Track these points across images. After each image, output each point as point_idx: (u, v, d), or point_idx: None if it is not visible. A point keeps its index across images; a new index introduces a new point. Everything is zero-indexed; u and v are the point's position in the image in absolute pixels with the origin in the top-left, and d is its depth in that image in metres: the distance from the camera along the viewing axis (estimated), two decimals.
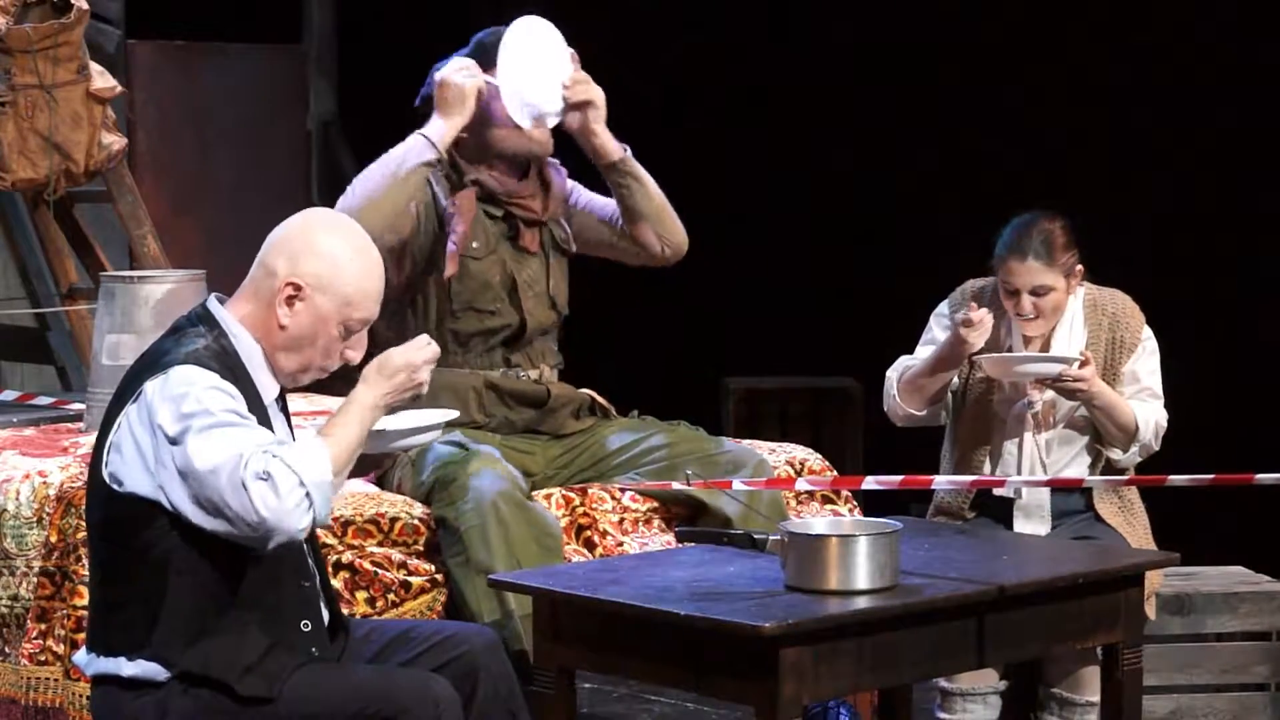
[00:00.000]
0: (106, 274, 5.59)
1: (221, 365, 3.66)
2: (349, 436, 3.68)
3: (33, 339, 7.78)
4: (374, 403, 3.73)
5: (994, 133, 8.18)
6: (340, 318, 3.73)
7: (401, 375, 3.75)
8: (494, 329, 4.88)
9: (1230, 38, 7.66)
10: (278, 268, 3.71)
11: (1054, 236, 5.01)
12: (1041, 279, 5.00)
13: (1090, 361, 4.96)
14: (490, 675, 3.87)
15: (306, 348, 3.74)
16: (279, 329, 3.72)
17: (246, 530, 3.53)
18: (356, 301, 3.73)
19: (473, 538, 4.45)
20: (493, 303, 4.86)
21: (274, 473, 3.51)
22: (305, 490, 3.53)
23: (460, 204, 4.82)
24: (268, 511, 3.51)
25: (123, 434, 3.63)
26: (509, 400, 4.86)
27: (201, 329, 3.72)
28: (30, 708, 4.47)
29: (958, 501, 5.12)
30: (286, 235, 3.75)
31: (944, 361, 5.04)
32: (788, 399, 8.69)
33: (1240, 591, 5.48)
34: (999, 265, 5.05)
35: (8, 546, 4.63)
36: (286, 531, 3.53)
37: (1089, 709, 4.91)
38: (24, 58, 6.68)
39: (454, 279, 4.82)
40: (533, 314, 4.91)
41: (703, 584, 3.85)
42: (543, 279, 4.95)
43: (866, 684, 4.03)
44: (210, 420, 3.55)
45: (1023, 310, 5.02)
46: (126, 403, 3.65)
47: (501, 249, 4.89)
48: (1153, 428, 5.07)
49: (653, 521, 4.83)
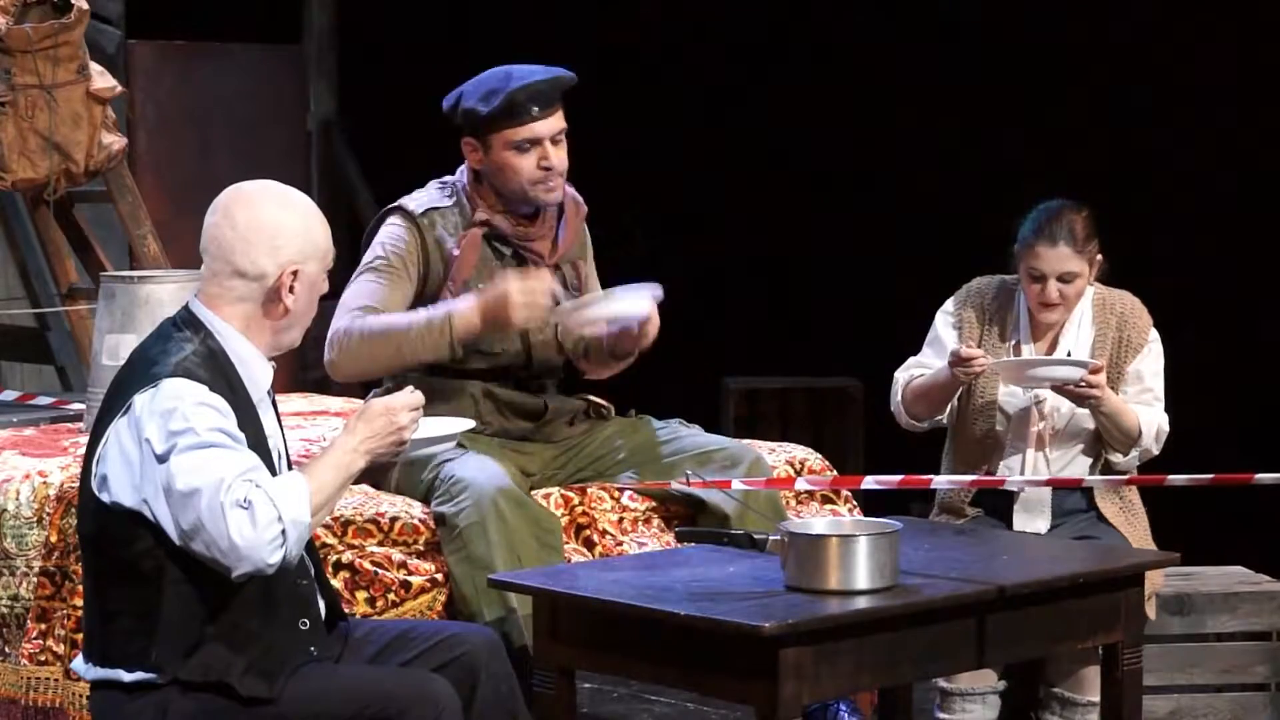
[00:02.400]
0: (106, 274, 5.59)
1: (211, 369, 3.65)
2: (328, 480, 3.66)
3: (33, 339, 7.78)
4: (354, 448, 3.70)
5: (995, 132, 8.18)
6: (323, 268, 3.79)
7: (380, 420, 3.72)
8: (501, 367, 4.81)
9: (1229, 36, 7.66)
10: (265, 267, 3.72)
11: (1081, 224, 5.03)
12: (1070, 265, 5.01)
13: (1102, 369, 4.96)
14: (491, 675, 3.87)
15: (306, 314, 3.79)
16: (284, 314, 3.75)
17: (217, 554, 3.53)
18: (328, 247, 3.80)
19: (472, 534, 4.44)
20: (499, 343, 4.76)
21: (255, 502, 3.52)
22: (282, 526, 3.54)
23: (464, 249, 4.74)
24: (241, 540, 3.51)
25: (111, 446, 3.63)
26: (506, 411, 4.83)
27: (188, 333, 3.71)
28: (30, 708, 4.46)
29: (959, 498, 5.12)
30: (251, 233, 3.72)
31: (942, 387, 5.05)
32: (788, 399, 8.69)
33: (1240, 591, 5.47)
34: (1024, 251, 5.04)
35: (8, 546, 4.63)
36: (255, 563, 3.53)
37: (1089, 709, 4.91)
38: (24, 58, 6.68)
39: None
40: (538, 351, 4.84)
41: (703, 584, 3.85)
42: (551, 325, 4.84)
43: (866, 684, 4.03)
44: (195, 440, 3.54)
45: (1048, 297, 5.02)
46: (116, 414, 3.64)
47: None
48: (1154, 433, 5.07)
49: (652, 521, 4.82)
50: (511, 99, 4.66)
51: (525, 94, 4.67)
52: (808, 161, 8.80)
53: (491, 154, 4.72)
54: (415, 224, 4.76)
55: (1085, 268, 5.04)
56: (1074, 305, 5.08)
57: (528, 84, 4.69)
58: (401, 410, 3.74)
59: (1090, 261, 5.05)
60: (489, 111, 4.68)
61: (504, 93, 4.67)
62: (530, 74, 4.72)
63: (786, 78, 8.92)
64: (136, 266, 7.23)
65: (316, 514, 3.63)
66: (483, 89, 4.72)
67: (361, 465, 3.73)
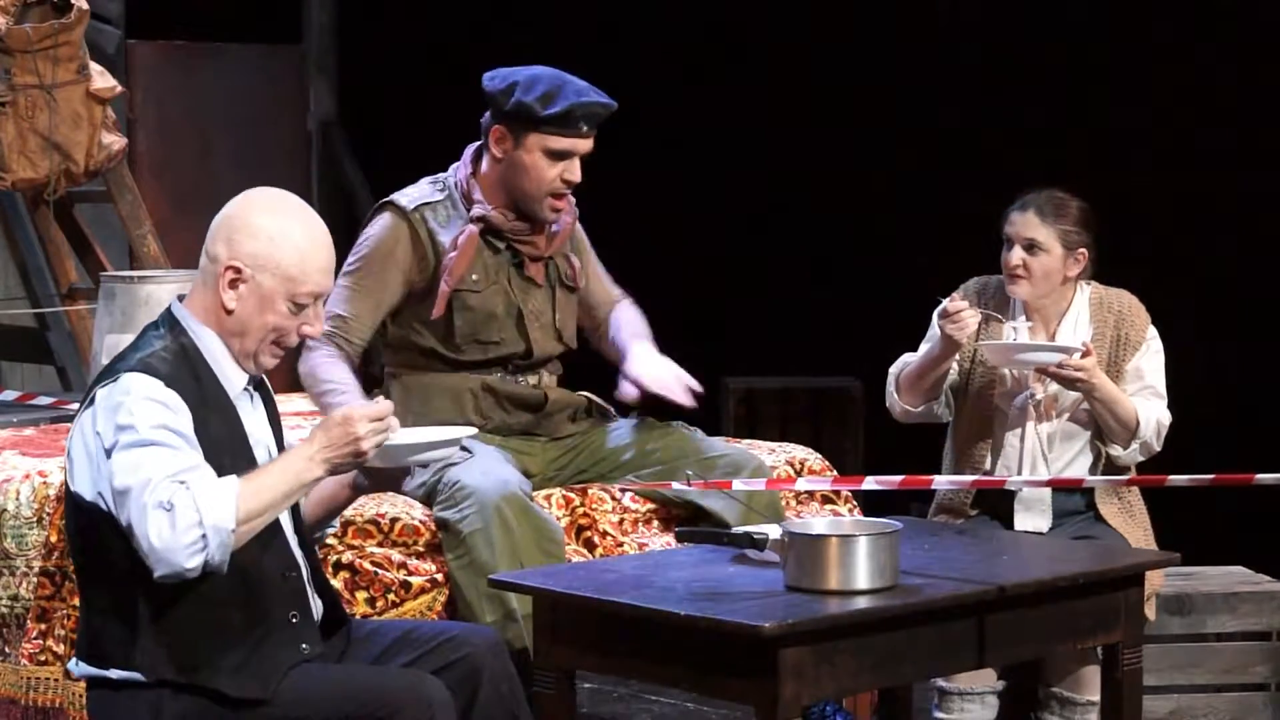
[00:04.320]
0: (106, 274, 5.60)
1: (177, 365, 3.63)
2: (270, 483, 3.59)
3: (33, 339, 7.78)
4: (309, 456, 3.62)
5: (995, 131, 8.18)
6: (286, 294, 3.68)
7: (336, 430, 3.63)
8: (500, 357, 4.84)
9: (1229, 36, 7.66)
10: (219, 253, 3.68)
11: (1062, 204, 5.06)
12: (1035, 233, 5.03)
13: (1092, 352, 4.96)
14: (492, 676, 3.86)
15: (256, 329, 3.69)
16: (226, 313, 3.68)
17: (142, 555, 3.49)
18: (299, 277, 3.68)
19: (476, 541, 4.44)
20: (497, 333, 4.80)
21: (177, 504, 3.47)
22: (202, 531, 3.48)
23: (462, 246, 4.76)
24: (159, 542, 3.47)
25: (75, 439, 3.63)
26: (506, 404, 4.84)
27: (162, 330, 3.70)
28: (30, 708, 4.47)
29: (959, 497, 5.12)
30: (226, 219, 3.71)
31: (935, 356, 5.04)
32: (788, 399, 8.69)
33: (1240, 591, 5.47)
34: (1004, 222, 5.10)
35: (8, 546, 4.63)
36: (172, 565, 3.48)
37: (1089, 708, 4.91)
38: (24, 58, 6.68)
39: (455, 314, 4.77)
40: (538, 342, 4.86)
41: (703, 584, 3.85)
42: (549, 310, 4.88)
43: (866, 684, 4.03)
44: (135, 437, 3.52)
45: (1011, 263, 5.04)
46: (82, 408, 3.65)
47: (504, 279, 4.82)
48: (1154, 426, 5.07)
49: (653, 522, 4.82)
50: (571, 110, 4.70)
51: (584, 110, 4.71)
52: (808, 161, 8.80)
53: (521, 150, 4.74)
54: (406, 219, 4.78)
55: (1055, 245, 5.04)
56: (1041, 285, 5.07)
57: (589, 102, 4.72)
58: (360, 420, 3.64)
59: (1065, 244, 5.05)
60: (546, 113, 4.69)
61: (567, 102, 4.69)
62: (588, 91, 4.75)
63: (784, 78, 8.91)
64: (136, 266, 7.24)
65: (250, 520, 3.54)
66: (541, 87, 4.71)
67: (319, 474, 3.64)
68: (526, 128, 4.72)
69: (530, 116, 4.69)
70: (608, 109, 4.76)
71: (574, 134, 4.72)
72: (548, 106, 4.69)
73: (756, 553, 3.96)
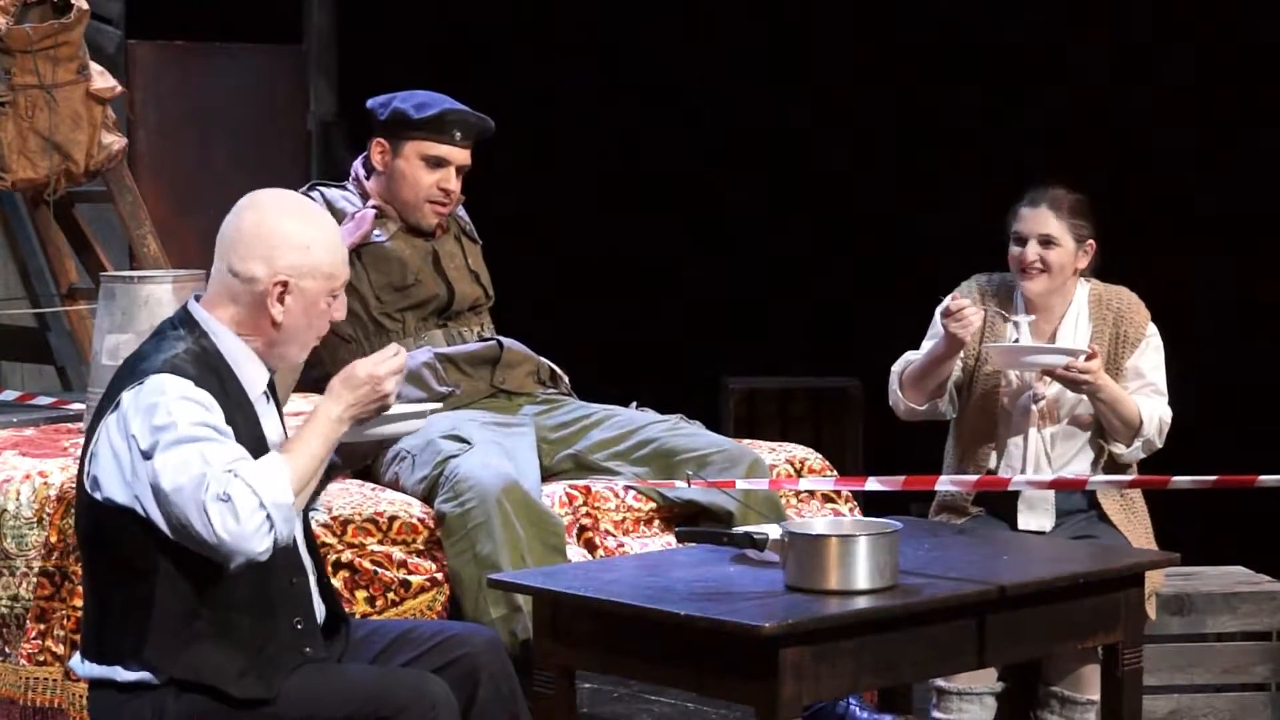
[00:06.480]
0: (106, 274, 5.59)
1: (201, 367, 3.65)
2: (312, 451, 3.66)
3: (33, 339, 7.78)
4: (338, 415, 3.70)
5: (995, 131, 8.18)
6: (327, 291, 3.75)
7: (365, 388, 3.72)
8: (422, 300, 4.96)
9: (1228, 35, 7.66)
10: (256, 272, 3.71)
11: (1070, 198, 5.10)
12: (1049, 227, 5.05)
13: (1097, 354, 4.97)
14: (492, 676, 3.87)
15: (304, 331, 3.76)
16: (273, 327, 3.73)
17: (209, 551, 3.53)
18: (335, 272, 3.76)
19: (478, 534, 4.46)
20: (413, 276, 4.96)
21: (234, 494, 3.51)
22: (266, 512, 3.53)
23: (359, 216, 4.95)
24: (227, 534, 3.50)
25: (101, 444, 3.64)
26: (463, 366, 4.93)
27: (182, 331, 3.71)
28: (30, 708, 4.47)
29: (961, 496, 5.12)
30: (252, 236, 3.73)
31: (939, 354, 5.05)
32: (788, 399, 8.69)
33: (1240, 591, 5.48)
34: (1012, 219, 5.12)
35: (8, 546, 4.63)
36: (246, 554, 3.53)
37: (1089, 708, 4.91)
38: (24, 58, 6.67)
39: (368, 269, 4.92)
40: (458, 284, 5.02)
41: (703, 584, 3.85)
42: (459, 254, 5.07)
43: (866, 684, 4.03)
44: (176, 435, 3.54)
45: (1026, 257, 5.05)
46: (106, 412, 3.65)
47: (407, 234, 5.02)
48: (1156, 423, 5.07)
49: (653, 522, 4.83)
50: (442, 115, 4.97)
51: (455, 117, 4.99)
52: (808, 161, 8.80)
53: (399, 159, 4.99)
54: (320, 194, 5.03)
55: (1068, 239, 5.06)
56: (1057, 279, 5.08)
57: (460, 110, 5.00)
58: (386, 378, 3.74)
59: (1076, 237, 5.07)
60: (418, 118, 4.96)
61: (437, 108, 4.97)
62: (464, 107, 5.03)
63: (786, 77, 8.91)
64: (136, 266, 7.22)
65: (302, 489, 3.62)
66: (416, 99, 5.01)
67: (344, 430, 3.74)
68: (402, 135, 4.99)
69: (405, 121, 4.96)
70: (482, 124, 5.02)
71: (448, 140, 4.97)
72: (421, 112, 4.96)
73: (756, 553, 3.97)
